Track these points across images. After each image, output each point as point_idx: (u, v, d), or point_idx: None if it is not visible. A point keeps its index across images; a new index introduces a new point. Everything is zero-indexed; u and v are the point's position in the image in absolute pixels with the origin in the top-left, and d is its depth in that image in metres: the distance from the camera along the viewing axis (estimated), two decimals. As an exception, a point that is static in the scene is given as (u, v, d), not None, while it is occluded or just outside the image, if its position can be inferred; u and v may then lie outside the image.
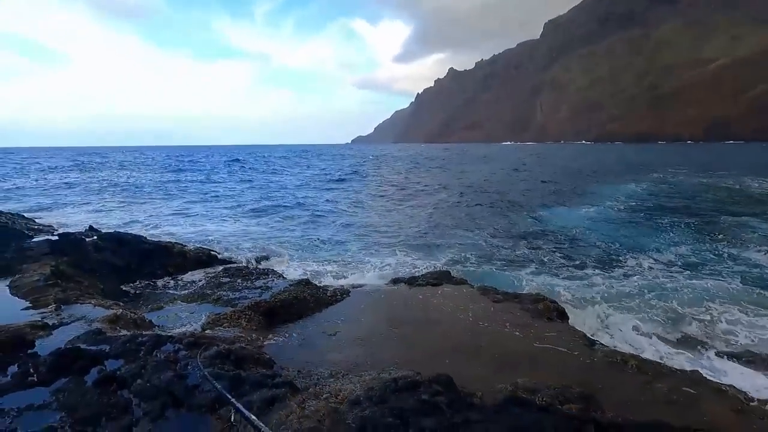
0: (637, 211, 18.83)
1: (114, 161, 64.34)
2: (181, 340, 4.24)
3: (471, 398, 3.65)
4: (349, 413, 3.08)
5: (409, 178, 39.64)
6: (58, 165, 57.96)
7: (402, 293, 7.10)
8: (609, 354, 4.97)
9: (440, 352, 5.00)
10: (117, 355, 3.87)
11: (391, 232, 15.87)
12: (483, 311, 6.18)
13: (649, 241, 13.28)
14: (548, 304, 6.25)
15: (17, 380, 3.41)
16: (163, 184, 33.13)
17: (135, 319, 5.19)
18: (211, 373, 3.56)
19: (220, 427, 2.99)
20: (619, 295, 8.73)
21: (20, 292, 5.70)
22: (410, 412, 2.93)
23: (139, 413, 3.09)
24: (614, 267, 10.79)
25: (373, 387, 3.49)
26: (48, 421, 2.94)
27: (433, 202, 23.86)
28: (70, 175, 42.75)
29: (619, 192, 25.02)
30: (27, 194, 27.25)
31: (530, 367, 4.60)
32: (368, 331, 5.55)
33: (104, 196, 26.30)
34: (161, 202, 23.91)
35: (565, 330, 5.66)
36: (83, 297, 5.72)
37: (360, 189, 30.97)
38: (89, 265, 7.53)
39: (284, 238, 14.82)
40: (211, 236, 14.38)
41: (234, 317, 5.59)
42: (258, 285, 6.92)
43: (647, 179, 32.48)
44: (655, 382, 4.37)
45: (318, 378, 4.21)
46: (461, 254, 12.32)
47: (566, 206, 20.77)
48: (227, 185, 33.14)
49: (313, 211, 20.80)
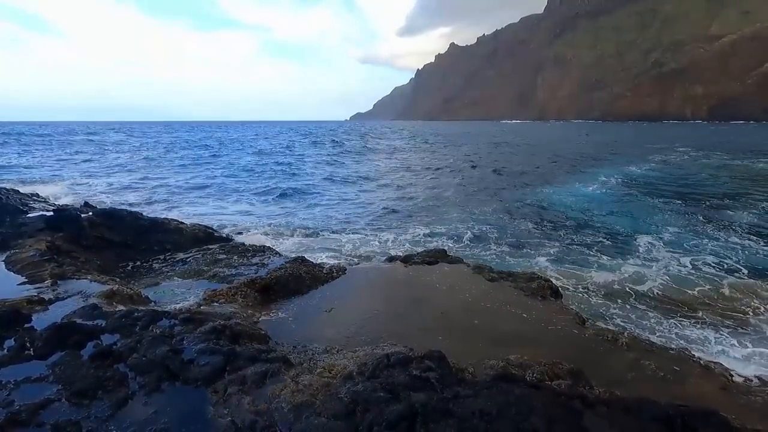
0: (635, 192, 18.80)
1: (108, 141, 63.24)
2: (176, 316, 4.27)
3: (462, 374, 3.72)
4: (341, 388, 3.14)
5: (407, 157, 39.42)
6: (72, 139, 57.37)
7: (398, 271, 7.14)
8: (600, 332, 5.05)
9: (434, 329, 5.07)
10: (113, 329, 3.91)
11: (388, 211, 15.88)
12: (477, 289, 6.24)
13: (647, 223, 13.32)
14: (542, 282, 6.31)
15: (14, 354, 3.45)
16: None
17: (131, 294, 5.23)
18: (208, 347, 3.62)
19: (216, 399, 3.05)
20: (614, 273, 8.81)
21: (16, 267, 5.72)
22: (401, 386, 2.98)
23: (135, 386, 3.14)
24: (611, 246, 10.85)
25: (366, 362, 3.54)
26: (45, 394, 2.99)
27: (433, 182, 23.80)
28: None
29: (619, 173, 24.92)
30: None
31: (522, 344, 4.67)
32: (363, 308, 5.61)
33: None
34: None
35: (558, 308, 5.73)
36: (79, 272, 5.74)
37: (351, 166, 30.80)
38: (85, 241, 7.53)
39: (280, 216, 14.85)
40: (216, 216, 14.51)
41: (230, 294, 5.63)
42: (254, 262, 6.95)
43: (649, 160, 32.31)
44: (644, 359, 4.46)
45: (313, 353, 4.28)
46: (457, 233, 12.37)
47: (565, 186, 20.73)
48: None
49: (306, 191, 20.77)
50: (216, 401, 3.00)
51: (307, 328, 5.04)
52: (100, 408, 2.87)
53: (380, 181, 24.31)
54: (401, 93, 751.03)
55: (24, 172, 26.03)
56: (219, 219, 14.21)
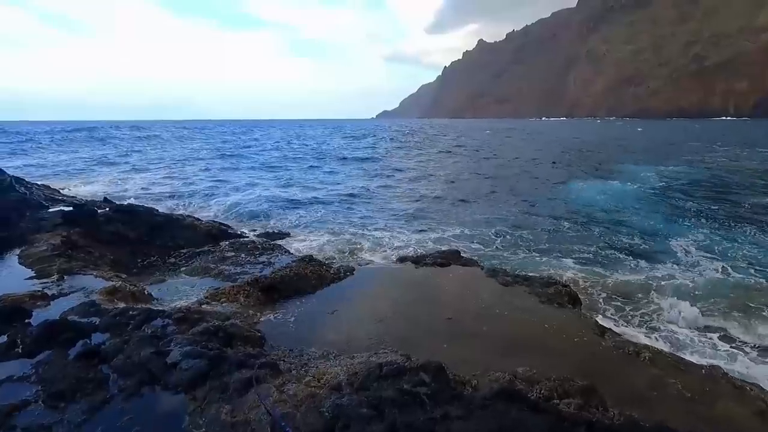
0: (669, 192, 17.77)
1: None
2: (171, 315, 4.19)
3: (462, 387, 3.45)
4: (326, 400, 2.93)
5: (430, 156, 38.84)
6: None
7: (408, 272, 6.89)
8: (620, 344, 4.64)
9: (440, 335, 4.80)
10: (105, 328, 3.85)
11: (404, 209, 15.59)
12: (489, 294, 5.91)
13: (681, 225, 12.50)
14: (560, 288, 5.92)
15: (3, 351, 3.42)
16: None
17: (134, 291, 5.20)
18: (194, 350, 3.49)
19: (193, 407, 2.90)
20: (640, 279, 8.24)
21: (27, 261, 5.82)
22: (388, 402, 2.75)
23: (115, 389, 3.04)
24: (640, 250, 10.21)
25: (357, 372, 3.33)
26: (24, 395, 2.92)
27: (452, 179, 23.33)
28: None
29: (653, 171, 23.68)
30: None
31: (533, 355, 4.34)
32: (367, 310, 5.39)
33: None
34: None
35: (575, 317, 5.34)
36: (86, 268, 5.78)
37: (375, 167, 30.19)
38: (101, 236, 7.64)
39: (301, 214, 14.81)
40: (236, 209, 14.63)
41: (232, 292, 5.54)
42: (261, 260, 6.85)
43: (685, 159, 30.64)
44: (668, 377, 4.04)
45: (308, 358, 4.09)
46: (479, 232, 11.97)
47: (595, 186, 19.79)
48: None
49: (324, 189, 20.68)
50: (193, 409, 2.86)
51: (307, 330, 4.87)
52: (75, 412, 2.77)
53: (398, 180, 24.00)
54: (427, 91, 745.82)
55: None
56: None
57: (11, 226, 7.29)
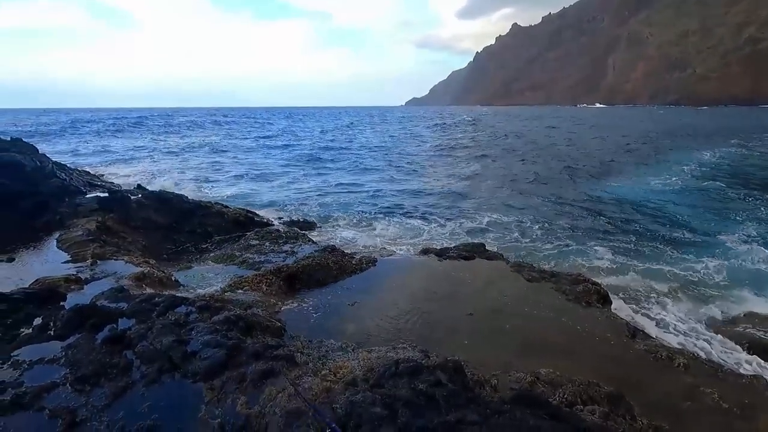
0: (717, 183, 16.70)
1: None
2: (194, 303, 4.27)
3: (481, 387, 3.36)
4: (341, 396, 2.90)
5: (458, 139, 38.13)
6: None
7: (430, 265, 6.78)
8: (652, 348, 4.40)
9: (461, 331, 4.70)
10: (131, 314, 3.96)
11: (433, 200, 15.40)
12: (514, 290, 5.74)
13: (729, 219, 11.75)
14: (589, 286, 5.67)
15: (36, 333, 3.59)
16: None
17: (161, 277, 5.35)
18: (213, 340, 3.54)
19: (210, 397, 2.94)
20: (678, 281, 7.81)
21: (64, 246, 6.09)
22: (402, 402, 2.69)
23: (137, 375, 3.12)
24: (680, 247, 9.66)
25: (373, 368, 3.28)
26: (53, 377, 3.05)
27: (483, 169, 22.84)
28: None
29: (700, 161, 22.32)
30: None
31: (557, 356, 4.18)
32: (388, 303, 5.34)
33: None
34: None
35: (605, 317, 5.11)
36: (118, 253, 6.00)
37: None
38: (133, 222, 7.92)
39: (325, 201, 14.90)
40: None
41: (255, 281, 5.61)
42: (284, 249, 6.92)
43: (736, 147, 28.73)
44: (704, 386, 3.80)
45: (326, 350, 4.08)
46: (508, 225, 11.68)
47: (635, 177, 18.85)
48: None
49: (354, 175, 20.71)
50: (210, 399, 2.89)
51: (327, 321, 4.87)
52: (99, 396, 2.87)
53: (426, 167, 23.73)
54: (458, 78, 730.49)
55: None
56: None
57: (51, 211, 7.66)
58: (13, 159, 8.68)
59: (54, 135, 42.85)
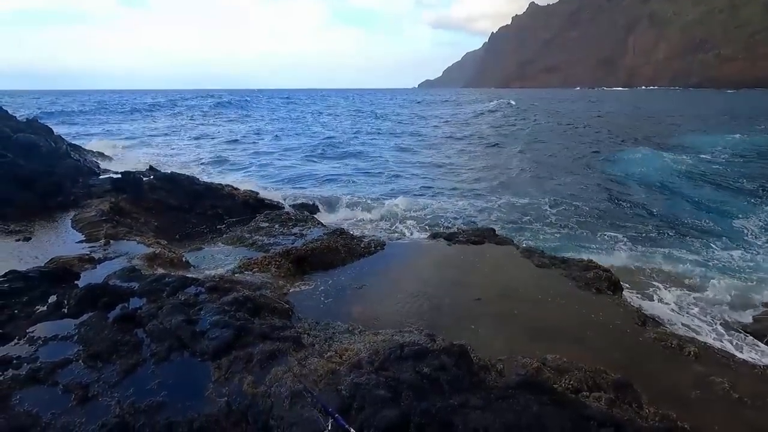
0: (736, 169, 16.20)
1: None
2: (204, 284, 4.32)
3: (484, 373, 3.35)
4: (345, 378, 2.93)
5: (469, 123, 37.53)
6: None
7: (439, 249, 6.75)
8: (663, 336, 4.33)
9: (468, 315, 4.69)
10: (142, 293, 4.03)
11: (445, 182, 15.27)
12: (523, 275, 5.70)
13: (745, 205, 11.41)
14: (600, 273, 5.58)
15: (51, 311, 3.68)
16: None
17: (172, 258, 5.43)
18: (221, 320, 3.59)
19: (217, 376, 2.99)
20: (692, 266, 7.66)
21: (78, 226, 6.21)
22: (406, 385, 2.70)
23: (147, 353, 3.18)
24: (696, 233, 9.44)
25: (378, 350, 3.30)
26: (67, 353, 3.13)
27: (493, 153, 22.51)
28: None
29: (720, 145, 21.61)
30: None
31: (565, 342, 4.14)
32: (395, 287, 5.35)
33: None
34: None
35: (614, 304, 5.04)
36: (131, 233, 6.09)
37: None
38: (145, 203, 8.03)
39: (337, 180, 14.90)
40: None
41: (264, 263, 5.66)
42: (294, 232, 6.94)
43: (756, 134, 27.74)
44: (715, 375, 3.74)
45: (333, 332, 4.12)
46: (522, 209, 11.54)
47: (656, 160, 18.30)
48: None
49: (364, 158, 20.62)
50: (217, 378, 2.95)
51: (335, 304, 4.90)
52: (110, 373, 2.94)
53: (437, 152, 23.47)
54: (472, 59, 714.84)
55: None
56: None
57: (66, 191, 7.79)
58: (30, 140, 8.81)
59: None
